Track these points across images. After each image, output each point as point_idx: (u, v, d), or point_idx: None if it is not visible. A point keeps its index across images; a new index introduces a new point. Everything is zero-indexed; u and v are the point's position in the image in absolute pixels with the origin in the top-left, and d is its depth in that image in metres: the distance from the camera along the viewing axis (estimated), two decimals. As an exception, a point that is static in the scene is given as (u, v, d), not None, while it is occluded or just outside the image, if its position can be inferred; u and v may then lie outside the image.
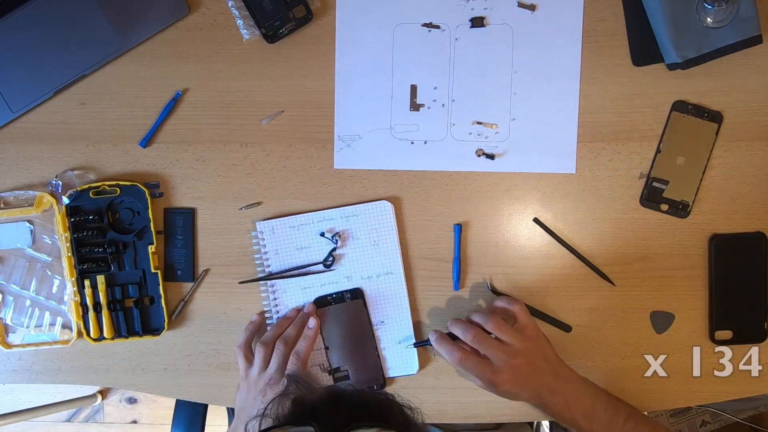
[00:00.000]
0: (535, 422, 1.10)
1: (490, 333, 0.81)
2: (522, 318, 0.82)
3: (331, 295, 0.87)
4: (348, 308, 0.87)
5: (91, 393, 1.76)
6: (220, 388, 0.90)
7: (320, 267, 0.87)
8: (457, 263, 0.87)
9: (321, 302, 0.87)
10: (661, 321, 0.87)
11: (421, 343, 0.87)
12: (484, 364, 0.79)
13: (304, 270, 0.87)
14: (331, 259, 0.86)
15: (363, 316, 0.87)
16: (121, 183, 0.87)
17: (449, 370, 0.89)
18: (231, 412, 1.10)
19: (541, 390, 0.80)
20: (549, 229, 0.87)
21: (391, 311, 0.88)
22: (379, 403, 0.55)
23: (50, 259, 0.89)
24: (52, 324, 0.89)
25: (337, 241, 0.86)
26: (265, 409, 0.59)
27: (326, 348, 0.87)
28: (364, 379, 0.88)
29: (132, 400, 1.80)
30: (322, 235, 0.86)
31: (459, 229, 0.87)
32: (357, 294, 0.87)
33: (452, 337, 0.82)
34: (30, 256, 0.89)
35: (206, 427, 1.06)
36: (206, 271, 0.89)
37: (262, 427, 0.53)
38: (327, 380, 0.88)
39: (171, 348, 0.90)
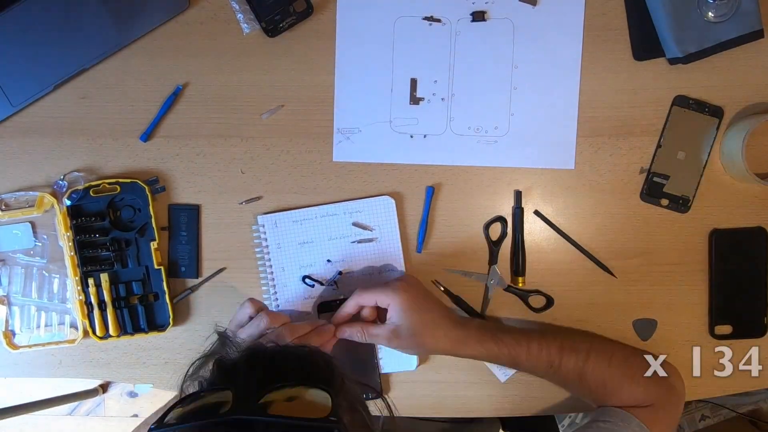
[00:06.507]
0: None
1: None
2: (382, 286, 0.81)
3: (335, 301, 0.86)
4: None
5: (92, 387, 1.77)
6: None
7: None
8: (423, 225, 0.87)
9: (325, 307, 0.87)
10: (644, 328, 0.88)
11: None
12: (381, 290, 0.79)
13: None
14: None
15: None
16: (120, 180, 0.86)
17: (450, 364, 0.89)
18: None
19: (448, 323, 0.79)
20: (550, 222, 0.87)
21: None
22: (301, 358, 0.53)
23: (44, 260, 0.89)
24: (61, 323, 0.89)
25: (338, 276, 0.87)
26: (189, 369, 0.58)
27: None
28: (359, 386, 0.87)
29: (133, 394, 1.81)
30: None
31: (431, 191, 0.87)
32: None
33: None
34: (25, 263, 0.89)
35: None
36: (222, 269, 0.89)
37: (187, 391, 0.52)
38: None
39: (172, 342, 0.90)
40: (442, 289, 0.88)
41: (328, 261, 0.88)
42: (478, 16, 0.86)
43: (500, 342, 0.78)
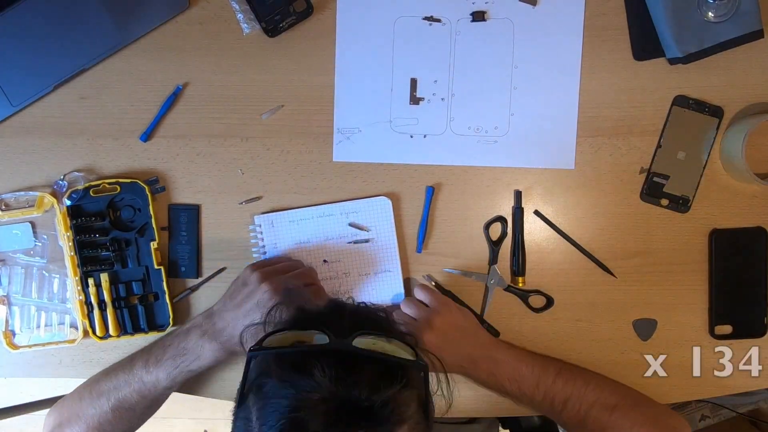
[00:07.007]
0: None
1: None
2: (430, 298, 0.83)
3: None
4: None
5: (92, 387, 1.76)
6: (221, 382, 0.90)
7: None
8: (423, 225, 0.87)
9: None
10: (645, 328, 0.88)
11: None
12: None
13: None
14: None
15: None
16: (120, 180, 0.86)
17: (449, 364, 0.89)
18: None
19: (462, 360, 0.81)
20: (550, 222, 0.87)
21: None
22: (377, 316, 0.59)
23: (44, 260, 0.89)
24: (61, 323, 0.89)
25: None
26: (266, 316, 0.63)
27: None
28: None
29: (133, 394, 1.80)
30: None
31: (431, 191, 0.87)
32: None
33: None
34: (25, 263, 0.89)
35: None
36: (222, 269, 0.89)
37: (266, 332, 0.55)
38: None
39: (172, 342, 0.90)
40: (433, 284, 0.88)
41: (324, 261, 0.88)
42: (478, 16, 0.86)
43: (505, 390, 0.81)
